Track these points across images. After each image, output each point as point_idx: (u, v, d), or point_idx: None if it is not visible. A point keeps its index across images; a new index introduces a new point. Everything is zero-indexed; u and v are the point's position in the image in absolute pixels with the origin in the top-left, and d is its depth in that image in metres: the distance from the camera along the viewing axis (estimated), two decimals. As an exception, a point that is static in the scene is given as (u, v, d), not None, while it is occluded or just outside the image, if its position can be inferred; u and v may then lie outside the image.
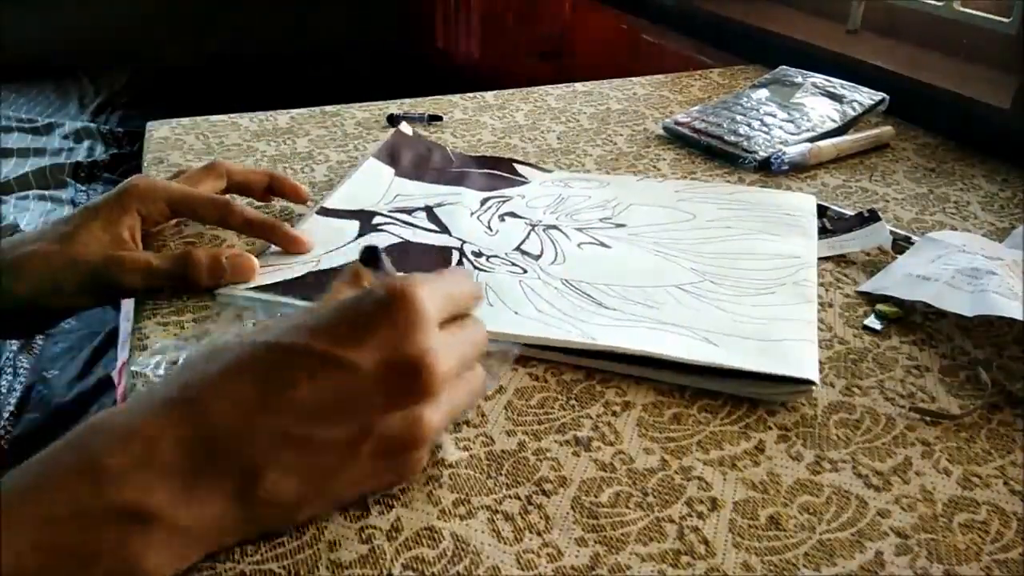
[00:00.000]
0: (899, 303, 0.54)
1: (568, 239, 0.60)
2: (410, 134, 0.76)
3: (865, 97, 0.83)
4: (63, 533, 0.29)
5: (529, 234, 0.61)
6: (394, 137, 0.74)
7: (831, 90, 0.85)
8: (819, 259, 0.60)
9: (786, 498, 0.39)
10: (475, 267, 0.56)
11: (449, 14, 1.97)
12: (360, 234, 0.60)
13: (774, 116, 0.82)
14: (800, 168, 0.75)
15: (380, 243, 0.54)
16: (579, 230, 0.61)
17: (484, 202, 0.66)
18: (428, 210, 0.64)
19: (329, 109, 0.85)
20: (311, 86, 1.53)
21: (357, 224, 0.61)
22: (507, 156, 0.76)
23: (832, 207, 0.66)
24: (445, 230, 0.61)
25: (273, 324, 0.36)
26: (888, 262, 0.59)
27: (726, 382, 0.46)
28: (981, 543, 0.37)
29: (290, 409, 0.32)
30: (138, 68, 2.24)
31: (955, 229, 0.65)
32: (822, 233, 0.62)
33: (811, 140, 0.78)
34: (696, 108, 0.85)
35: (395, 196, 0.66)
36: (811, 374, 0.45)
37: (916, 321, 0.53)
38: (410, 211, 0.64)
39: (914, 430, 0.44)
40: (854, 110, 0.82)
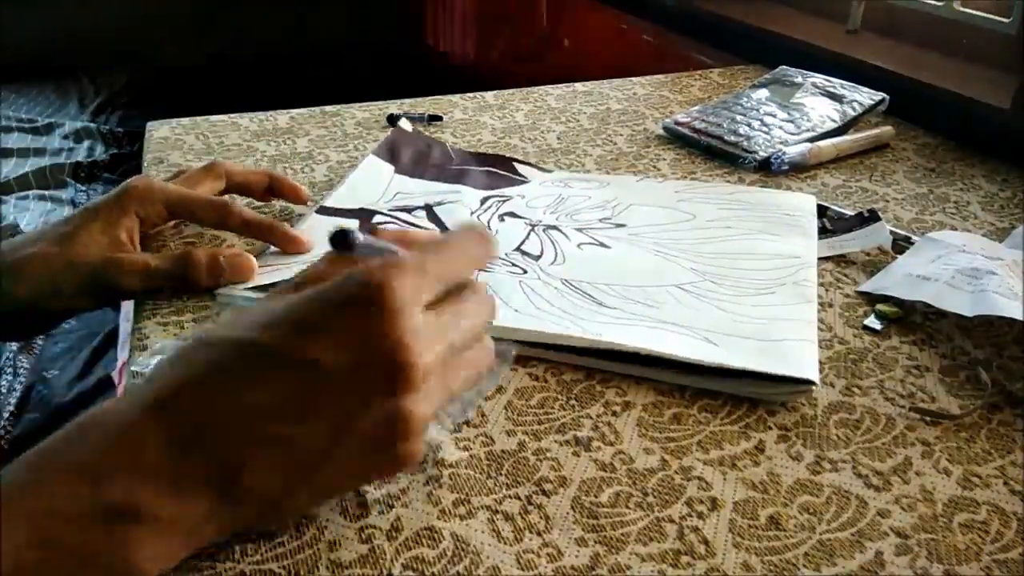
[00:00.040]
0: (899, 303, 0.54)
1: (568, 239, 0.60)
2: (410, 130, 0.76)
3: (865, 97, 0.83)
4: (61, 529, 0.29)
5: (529, 234, 0.61)
6: (394, 134, 0.75)
7: (831, 90, 0.85)
8: (819, 259, 0.60)
9: (786, 498, 0.39)
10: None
11: (438, 13, 1.99)
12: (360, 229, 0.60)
13: (774, 116, 0.82)
14: (800, 168, 0.75)
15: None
16: (579, 230, 0.61)
17: (484, 201, 0.65)
18: (428, 209, 0.64)
19: (329, 109, 0.85)
20: (311, 86, 1.53)
21: (356, 224, 0.60)
22: (507, 155, 0.76)
23: (832, 207, 0.66)
24: (445, 229, 0.61)
25: (243, 316, 0.34)
26: (888, 262, 0.59)
27: (726, 382, 0.46)
28: (981, 543, 0.37)
29: (255, 409, 0.32)
30: (138, 68, 2.24)
31: (955, 229, 0.65)
32: (822, 233, 0.62)
33: (811, 140, 0.78)
34: (696, 108, 0.85)
35: (395, 194, 0.66)
36: (811, 374, 0.45)
37: (916, 321, 0.53)
38: (410, 210, 0.63)
39: (914, 430, 0.44)
40: (854, 110, 0.82)
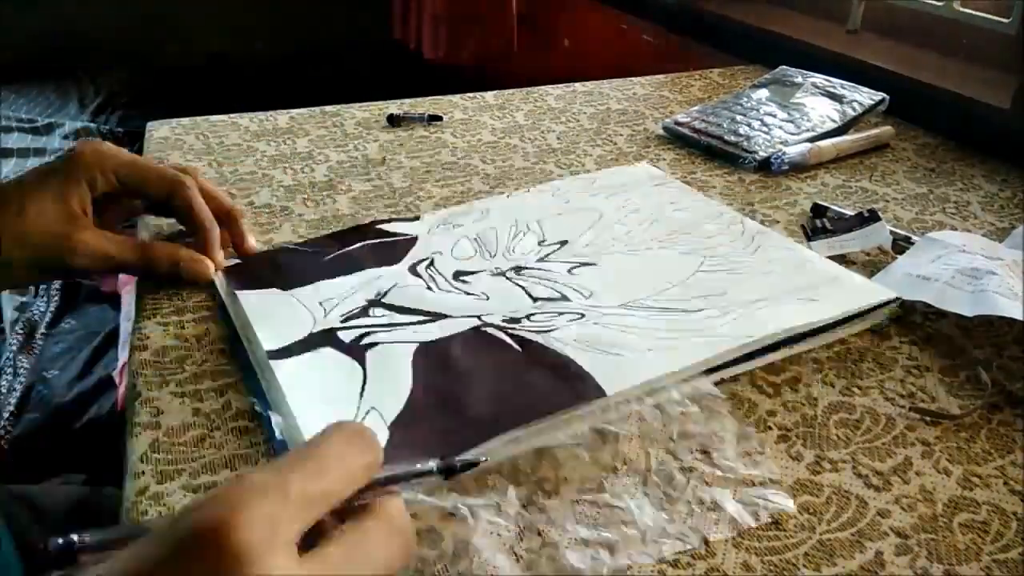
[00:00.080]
0: (899, 303, 0.54)
1: (550, 272, 0.54)
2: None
3: (865, 97, 0.83)
4: None
5: (513, 283, 0.53)
6: (233, 275, 0.54)
7: (831, 90, 0.85)
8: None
9: (786, 498, 0.39)
10: (537, 332, 0.47)
11: (407, 11, 2.03)
12: (357, 359, 0.45)
13: (774, 116, 0.82)
14: (800, 168, 0.75)
15: (392, 355, 0.45)
16: (541, 260, 0.55)
17: (416, 273, 0.54)
18: (378, 304, 0.51)
19: (329, 109, 0.85)
20: (311, 86, 1.53)
21: (335, 352, 0.46)
22: (369, 221, 0.61)
23: (832, 207, 0.66)
24: (437, 315, 0.49)
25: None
26: (888, 262, 0.59)
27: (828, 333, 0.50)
28: (981, 543, 0.37)
29: None
30: (138, 68, 2.24)
31: (955, 229, 0.65)
32: (822, 233, 0.62)
33: (811, 140, 0.78)
34: (696, 108, 0.85)
35: (319, 303, 0.51)
36: (886, 293, 0.52)
37: (916, 321, 0.53)
38: (360, 313, 0.50)
39: (914, 430, 0.44)
40: (854, 110, 0.82)
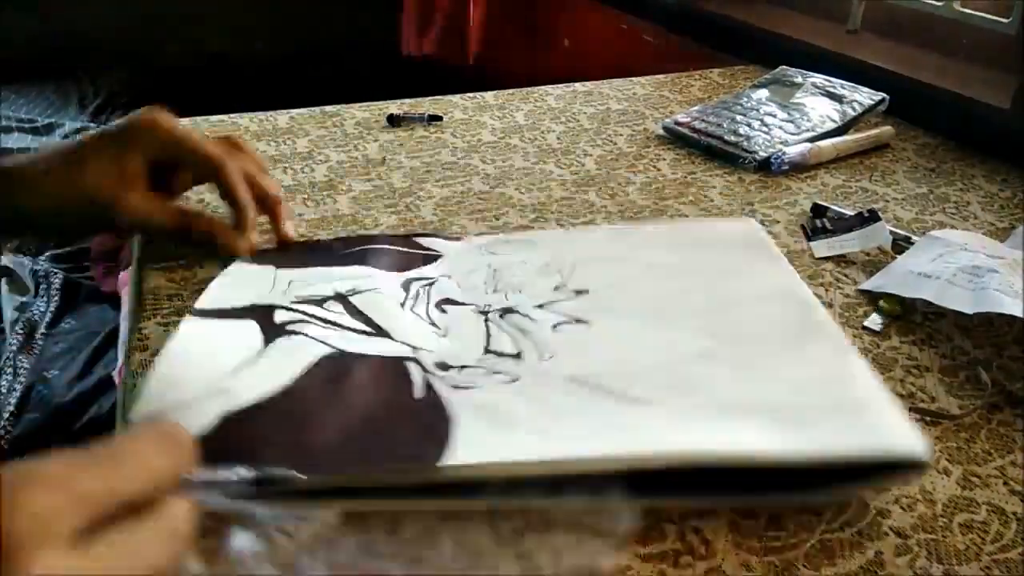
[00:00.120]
0: (899, 301, 0.54)
1: (536, 323, 0.48)
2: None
3: (865, 97, 0.83)
4: None
5: (487, 326, 0.48)
6: (267, 257, 0.56)
7: (831, 90, 0.85)
8: (819, 259, 0.60)
9: (786, 498, 0.39)
10: (453, 386, 0.42)
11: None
12: (267, 340, 0.45)
13: (774, 116, 0.82)
14: (800, 168, 0.75)
15: (299, 350, 0.44)
16: (540, 307, 0.50)
17: (407, 287, 0.52)
18: (342, 299, 0.50)
19: (329, 109, 0.85)
20: (311, 86, 1.53)
21: (256, 327, 0.46)
22: (405, 232, 0.61)
23: (832, 207, 0.66)
24: (381, 331, 0.47)
25: None
26: (888, 262, 0.59)
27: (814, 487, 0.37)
28: (981, 543, 0.37)
29: None
30: (138, 68, 2.24)
31: (955, 229, 0.65)
32: (822, 233, 0.62)
33: (811, 140, 0.78)
34: (696, 108, 0.85)
35: (289, 283, 0.51)
36: (918, 447, 0.36)
37: (916, 321, 0.53)
38: (320, 301, 0.49)
39: (914, 430, 0.44)
40: (854, 110, 0.82)
